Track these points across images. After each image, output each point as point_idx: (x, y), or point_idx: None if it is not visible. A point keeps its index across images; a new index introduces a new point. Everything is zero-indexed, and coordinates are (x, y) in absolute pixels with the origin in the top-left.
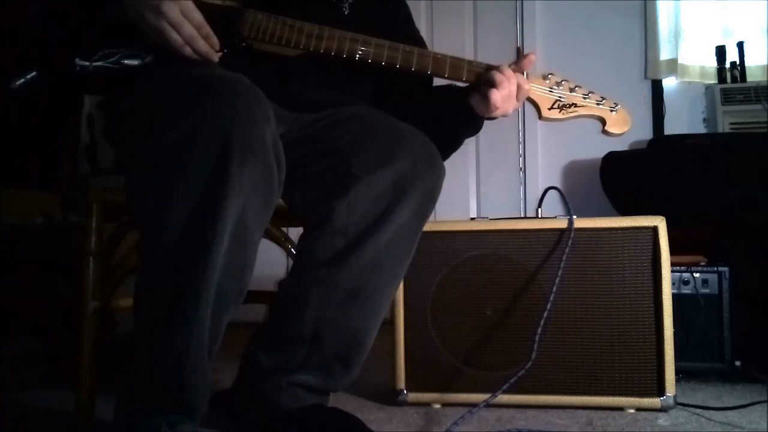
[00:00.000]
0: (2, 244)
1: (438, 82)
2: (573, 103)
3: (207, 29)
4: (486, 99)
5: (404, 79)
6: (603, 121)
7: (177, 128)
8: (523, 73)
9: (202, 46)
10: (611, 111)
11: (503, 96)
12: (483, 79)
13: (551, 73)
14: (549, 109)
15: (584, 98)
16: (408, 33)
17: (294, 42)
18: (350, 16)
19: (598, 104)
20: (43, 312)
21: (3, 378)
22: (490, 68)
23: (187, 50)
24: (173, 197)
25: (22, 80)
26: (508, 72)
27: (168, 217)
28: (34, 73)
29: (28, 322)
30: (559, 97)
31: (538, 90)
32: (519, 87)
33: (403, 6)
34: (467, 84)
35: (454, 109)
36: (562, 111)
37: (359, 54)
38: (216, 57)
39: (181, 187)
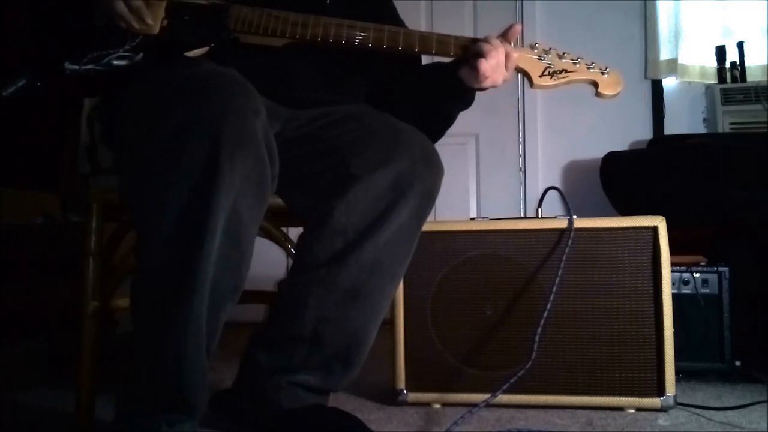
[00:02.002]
0: (2, 244)
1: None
2: (563, 69)
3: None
4: (475, 70)
5: (396, 68)
6: (595, 85)
7: (168, 126)
8: (510, 44)
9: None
10: (602, 73)
11: (492, 65)
12: (471, 51)
13: (537, 43)
14: (540, 76)
15: (574, 63)
16: (392, 23)
17: (280, 31)
18: (332, 6)
19: (588, 68)
20: (43, 312)
21: (3, 378)
22: (476, 41)
23: (119, 6)
24: (167, 194)
25: (13, 88)
26: (495, 42)
27: (162, 215)
28: (24, 81)
29: (28, 322)
30: (549, 64)
31: (528, 57)
32: (507, 56)
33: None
34: (455, 59)
35: (445, 83)
36: (553, 77)
37: (345, 38)
38: (150, 19)
39: (174, 183)
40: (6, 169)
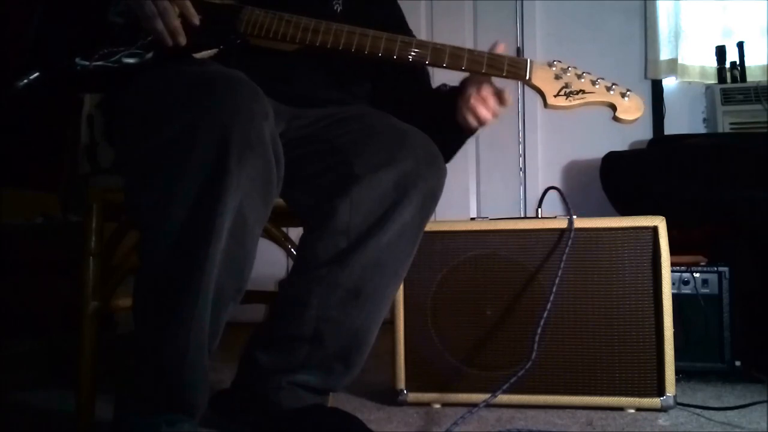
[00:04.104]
0: (2, 244)
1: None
2: (581, 90)
3: (188, 6)
4: (467, 120)
5: (404, 79)
6: (613, 108)
7: (176, 125)
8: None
9: (172, 20)
10: (623, 97)
11: (483, 117)
12: (462, 105)
13: (557, 60)
14: (555, 96)
15: (593, 84)
16: (401, 32)
17: (290, 36)
18: (342, 14)
19: (608, 90)
20: (43, 312)
21: (3, 378)
22: (493, 58)
23: (158, 24)
24: (172, 194)
25: (26, 80)
26: (484, 92)
27: (167, 214)
28: (37, 74)
29: (28, 322)
30: (566, 83)
31: (544, 75)
32: (497, 94)
33: (396, 7)
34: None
35: (449, 118)
36: (569, 98)
37: (356, 46)
38: (184, 39)
39: (179, 184)
40: (6, 169)
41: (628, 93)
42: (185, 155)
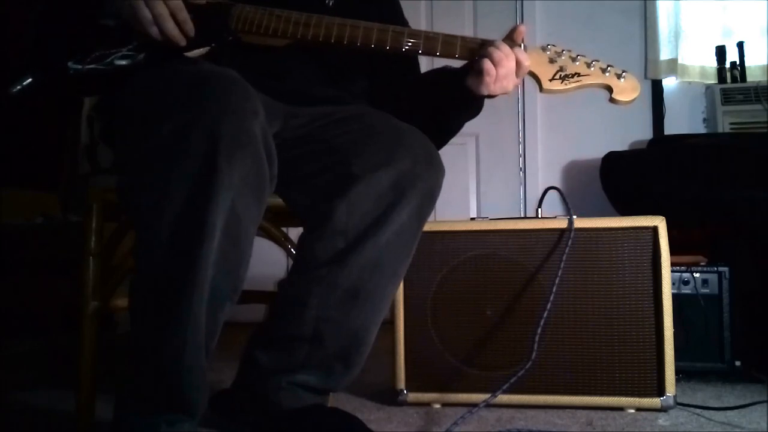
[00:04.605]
0: (2, 244)
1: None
2: (576, 73)
3: (184, 14)
4: (482, 77)
5: (398, 70)
6: (609, 90)
7: (167, 126)
8: (520, 47)
9: (171, 27)
10: (619, 78)
11: (502, 74)
12: (479, 58)
13: (551, 44)
14: (550, 80)
15: (588, 66)
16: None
17: (281, 31)
18: (334, 8)
19: (603, 72)
20: (43, 312)
21: (3, 378)
22: (485, 43)
23: (154, 30)
24: (165, 195)
25: (19, 87)
26: (506, 48)
27: (160, 215)
28: (30, 80)
29: (28, 322)
30: (561, 67)
31: (539, 59)
32: (518, 63)
33: (394, 3)
34: (462, 63)
35: (452, 91)
36: (565, 81)
37: (348, 38)
38: (183, 42)
39: (172, 184)
40: (6, 169)
41: (624, 74)
42: (177, 157)
